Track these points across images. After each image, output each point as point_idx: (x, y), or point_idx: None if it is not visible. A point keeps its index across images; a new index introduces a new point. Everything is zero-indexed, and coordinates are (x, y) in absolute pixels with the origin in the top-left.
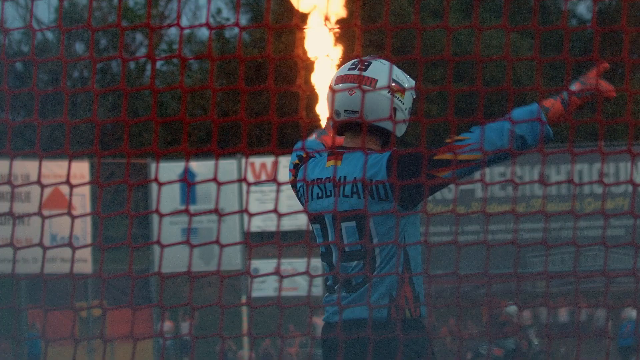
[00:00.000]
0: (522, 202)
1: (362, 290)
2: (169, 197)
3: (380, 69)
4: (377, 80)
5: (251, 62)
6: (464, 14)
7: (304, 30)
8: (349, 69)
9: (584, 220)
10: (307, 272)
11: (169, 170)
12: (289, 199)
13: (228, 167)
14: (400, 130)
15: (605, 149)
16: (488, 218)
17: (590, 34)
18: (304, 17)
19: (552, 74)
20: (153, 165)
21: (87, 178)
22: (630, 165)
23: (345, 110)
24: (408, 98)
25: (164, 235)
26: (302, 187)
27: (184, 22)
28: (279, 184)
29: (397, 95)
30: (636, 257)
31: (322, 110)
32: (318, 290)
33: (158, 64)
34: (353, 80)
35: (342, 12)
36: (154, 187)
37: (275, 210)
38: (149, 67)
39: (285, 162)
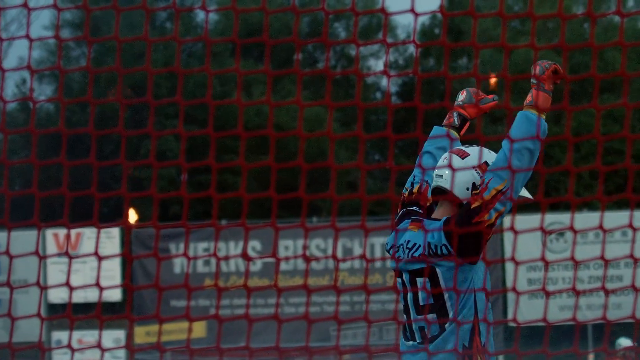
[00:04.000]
0: (326, 275)
1: (437, 341)
2: None
3: (477, 149)
4: (470, 155)
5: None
6: (266, 86)
7: (99, 102)
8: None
9: (386, 294)
10: (98, 346)
11: None
12: (92, 270)
13: (31, 238)
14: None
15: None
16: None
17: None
18: (104, 90)
19: (355, 147)
20: None
21: None
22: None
23: (435, 175)
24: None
25: None
26: (387, 245)
27: None
28: (71, 258)
29: (480, 172)
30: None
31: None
32: None
33: None
34: (453, 152)
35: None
36: None
37: (67, 284)
38: None
39: (89, 234)
